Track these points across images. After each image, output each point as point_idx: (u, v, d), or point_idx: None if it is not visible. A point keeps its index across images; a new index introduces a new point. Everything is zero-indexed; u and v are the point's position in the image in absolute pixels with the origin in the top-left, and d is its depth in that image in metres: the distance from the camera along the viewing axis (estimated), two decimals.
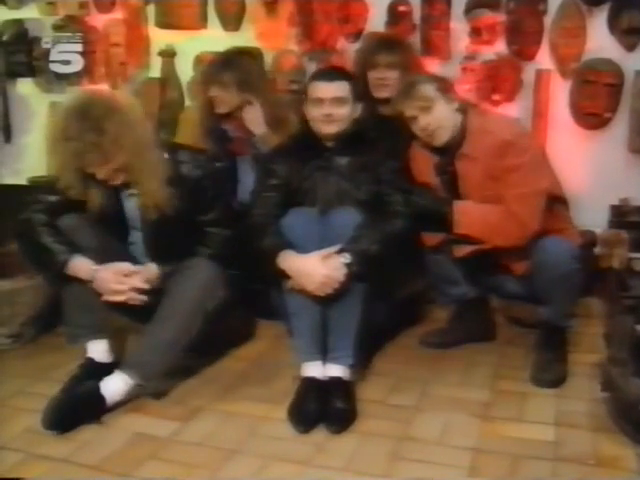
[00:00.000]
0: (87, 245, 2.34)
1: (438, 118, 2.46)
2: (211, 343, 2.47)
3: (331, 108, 2.46)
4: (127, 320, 2.57)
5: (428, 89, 2.48)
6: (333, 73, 2.58)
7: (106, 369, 2.36)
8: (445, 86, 2.54)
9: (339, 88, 2.48)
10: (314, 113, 2.49)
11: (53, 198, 2.38)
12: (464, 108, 2.52)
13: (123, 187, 2.39)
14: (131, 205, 2.44)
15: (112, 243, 2.45)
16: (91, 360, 2.42)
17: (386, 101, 2.87)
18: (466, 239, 2.48)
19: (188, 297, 2.34)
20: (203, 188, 2.45)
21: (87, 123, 2.19)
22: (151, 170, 2.33)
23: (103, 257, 2.34)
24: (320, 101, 2.47)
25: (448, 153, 2.51)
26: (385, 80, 2.95)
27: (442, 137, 2.47)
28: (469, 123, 2.49)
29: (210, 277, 2.39)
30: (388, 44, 3.02)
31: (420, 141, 2.55)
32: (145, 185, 2.34)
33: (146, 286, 2.34)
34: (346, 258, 2.27)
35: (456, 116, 2.49)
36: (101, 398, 2.20)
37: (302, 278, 2.28)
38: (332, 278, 2.25)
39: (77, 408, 2.18)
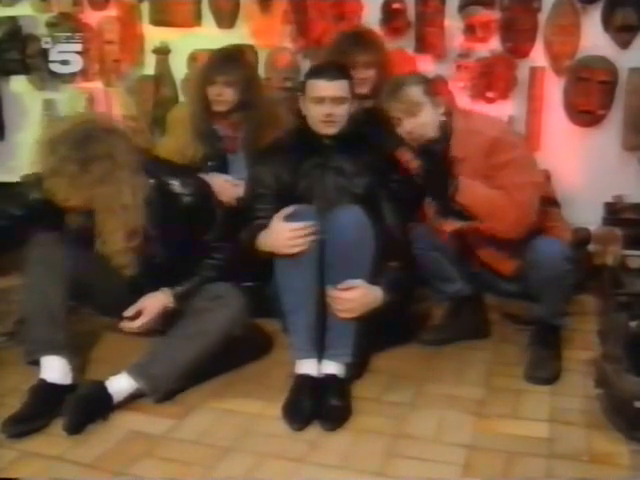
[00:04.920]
0: (65, 261, 2.29)
1: (423, 123, 2.44)
2: (227, 357, 2.44)
3: (332, 108, 2.44)
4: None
5: (415, 92, 2.46)
6: (333, 71, 2.50)
7: (62, 393, 2.18)
8: (433, 89, 2.53)
9: (340, 87, 2.46)
10: (313, 112, 2.47)
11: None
12: (449, 111, 2.52)
13: None
14: None
15: (94, 262, 2.40)
16: (44, 382, 2.21)
17: (365, 97, 2.88)
18: (462, 214, 2.45)
19: (217, 327, 2.31)
20: (199, 213, 2.43)
21: (80, 153, 2.17)
22: (117, 227, 2.29)
23: (82, 279, 2.33)
24: (320, 100, 2.44)
25: None
26: (364, 79, 2.91)
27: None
28: (454, 125, 2.49)
29: (241, 308, 2.37)
30: (361, 42, 2.98)
31: (405, 144, 2.54)
32: (108, 237, 2.31)
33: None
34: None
35: (441, 120, 2.48)
36: (109, 396, 2.19)
37: (275, 245, 2.29)
38: (366, 304, 2.28)
39: (89, 408, 2.15)
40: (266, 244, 2.36)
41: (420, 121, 2.45)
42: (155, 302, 2.40)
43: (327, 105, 2.44)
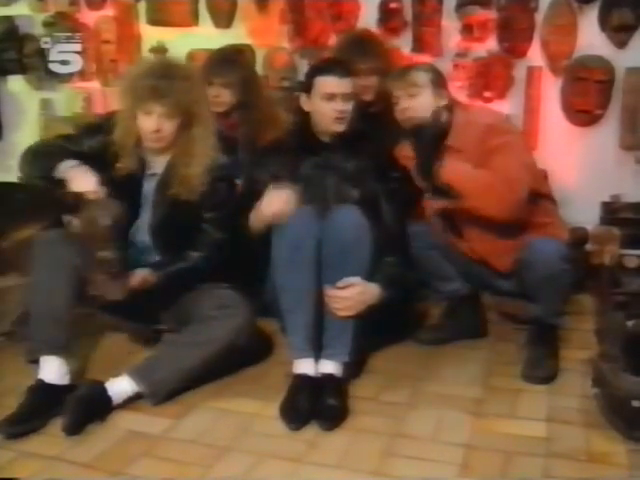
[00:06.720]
0: (70, 261, 2.26)
1: (418, 106, 2.47)
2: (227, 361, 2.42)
3: (343, 104, 2.46)
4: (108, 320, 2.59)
5: (420, 76, 2.50)
6: (343, 68, 2.52)
7: (60, 393, 2.18)
8: (440, 81, 2.54)
9: (349, 84, 2.48)
10: (324, 109, 2.47)
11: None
12: (451, 106, 2.52)
13: (146, 169, 2.43)
14: (150, 186, 2.43)
15: None
16: (42, 382, 2.21)
17: (369, 104, 2.87)
18: (446, 194, 2.43)
19: (223, 336, 2.28)
20: (220, 187, 2.45)
21: (176, 81, 2.29)
22: (201, 161, 2.38)
23: (86, 277, 2.29)
24: (332, 97, 2.45)
25: None
26: (367, 87, 2.90)
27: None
28: (454, 120, 2.50)
29: (248, 318, 2.35)
30: (364, 49, 2.97)
31: (404, 133, 2.55)
32: (190, 168, 2.38)
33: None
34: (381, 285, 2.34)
35: (442, 113, 2.48)
36: (109, 399, 2.19)
37: (264, 214, 2.36)
38: (364, 302, 2.28)
39: (89, 409, 2.14)
40: (260, 217, 2.39)
41: (415, 103, 2.48)
42: (141, 272, 2.35)
43: (339, 102, 2.46)
